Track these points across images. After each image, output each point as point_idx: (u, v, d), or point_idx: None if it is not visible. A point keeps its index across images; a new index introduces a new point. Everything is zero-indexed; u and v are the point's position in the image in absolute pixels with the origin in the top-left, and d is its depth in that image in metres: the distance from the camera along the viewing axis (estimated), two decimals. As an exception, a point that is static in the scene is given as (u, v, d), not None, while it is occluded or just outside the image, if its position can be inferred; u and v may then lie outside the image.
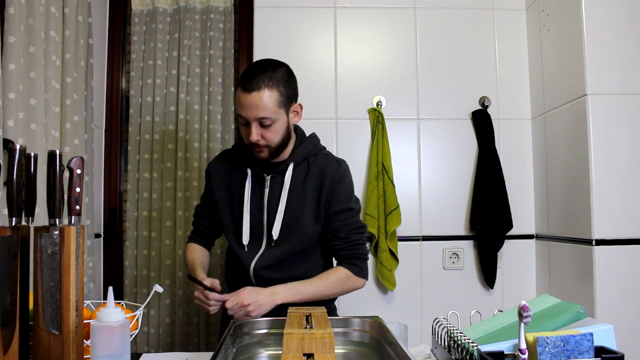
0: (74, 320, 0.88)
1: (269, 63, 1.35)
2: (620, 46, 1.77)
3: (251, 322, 1.11)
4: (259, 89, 1.29)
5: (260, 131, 1.33)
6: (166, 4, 2.32)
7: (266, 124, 1.32)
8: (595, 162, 1.75)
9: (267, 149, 1.36)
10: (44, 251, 0.88)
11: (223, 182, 1.48)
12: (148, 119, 2.28)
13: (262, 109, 1.30)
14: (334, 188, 1.41)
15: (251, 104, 1.29)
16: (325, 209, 1.42)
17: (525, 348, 0.77)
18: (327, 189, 1.41)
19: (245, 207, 1.42)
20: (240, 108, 1.32)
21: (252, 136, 1.32)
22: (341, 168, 1.45)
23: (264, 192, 1.43)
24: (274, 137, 1.35)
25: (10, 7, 1.45)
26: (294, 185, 1.42)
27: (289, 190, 1.41)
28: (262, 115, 1.30)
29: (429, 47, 2.22)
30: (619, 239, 1.73)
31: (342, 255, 1.43)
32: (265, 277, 1.41)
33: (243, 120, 1.33)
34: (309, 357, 0.81)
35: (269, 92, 1.30)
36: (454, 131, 2.19)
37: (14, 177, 0.87)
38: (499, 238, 2.09)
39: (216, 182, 1.49)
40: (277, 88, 1.31)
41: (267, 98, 1.29)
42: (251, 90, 1.29)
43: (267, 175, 1.43)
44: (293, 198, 1.41)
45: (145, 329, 2.22)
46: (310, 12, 2.21)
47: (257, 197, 1.43)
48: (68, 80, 1.79)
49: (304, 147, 1.45)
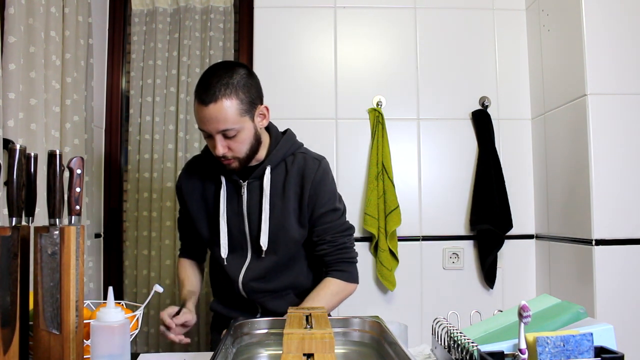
0: (74, 320, 0.88)
1: (224, 67, 1.23)
2: (620, 46, 1.77)
3: (251, 322, 1.11)
4: (216, 100, 1.18)
5: (226, 143, 1.23)
6: (166, 4, 2.32)
7: (230, 135, 1.22)
8: (595, 162, 1.75)
9: (236, 160, 1.28)
10: (44, 251, 0.88)
11: (196, 194, 1.39)
12: (148, 119, 2.28)
13: (223, 121, 1.19)
14: (316, 189, 1.32)
15: (210, 117, 1.19)
16: (310, 212, 1.34)
17: (525, 348, 0.77)
18: (310, 190, 1.32)
19: (222, 219, 1.34)
20: (200, 122, 1.22)
21: (218, 150, 1.23)
22: (321, 167, 1.35)
23: (242, 199, 1.34)
24: (241, 147, 1.25)
25: (10, 7, 1.45)
26: (274, 190, 1.33)
27: (270, 196, 1.32)
28: (224, 127, 1.20)
29: (429, 47, 2.22)
30: (619, 239, 1.73)
31: (329, 261, 1.36)
32: (255, 288, 1.36)
33: (205, 134, 1.24)
34: (309, 357, 0.81)
35: (228, 102, 1.19)
36: (454, 131, 2.19)
37: (14, 177, 0.87)
38: (499, 238, 2.09)
39: (189, 196, 1.40)
40: (235, 96, 1.20)
41: (226, 109, 1.19)
42: (208, 102, 1.18)
43: (243, 182, 1.34)
44: (275, 204, 1.32)
45: (145, 329, 2.22)
46: (310, 12, 2.21)
47: (235, 206, 1.35)
48: (68, 80, 1.79)
49: (280, 147, 1.35)
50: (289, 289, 1.40)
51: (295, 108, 2.17)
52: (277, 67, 2.18)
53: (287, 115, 2.14)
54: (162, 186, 2.25)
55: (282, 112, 2.14)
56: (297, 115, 2.16)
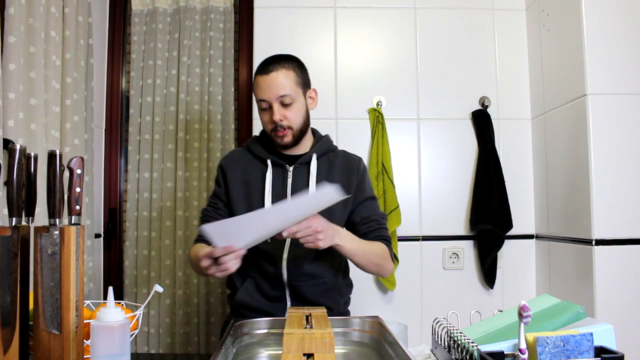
0: (74, 320, 0.88)
1: (282, 55, 1.42)
2: (620, 46, 1.77)
3: (251, 322, 1.11)
4: (277, 70, 1.35)
5: (282, 111, 1.36)
6: (166, 4, 2.32)
7: (287, 103, 1.35)
8: (595, 162, 1.75)
9: (290, 132, 1.38)
10: (44, 251, 0.88)
11: (239, 176, 1.45)
12: (148, 119, 2.28)
13: (282, 87, 1.34)
14: (362, 177, 1.47)
15: (271, 84, 1.34)
16: (354, 198, 1.44)
17: (525, 348, 0.77)
18: (357, 177, 1.45)
19: (267, 197, 1.39)
20: (260, 91, 1.36)
21: (275, 116, 1.35)
22: (363, 162, 1.52)
23: (287, 183, 1.42)
24: (295, 118, 1.38)
25: (10, 7, 1.45)
26: (320, 176, 1.42)
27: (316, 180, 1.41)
28: (283, 92, 1.34)
29: (429, 47, 2.22)
30: (619, 239, 1.73)
31: (376, 236, 1.43)
32: (298, 269, 1.38)
33: (264, 104, 1.37)
34: (309, 357, 0.82)
35: (286, 72, 1.36)
36: (454, 131, 2.19)
37: (14, 177, 0.87)
38: (499, 238, 2.09)
39: (232, 176, 1.46)
40: (293, 70, 1.38)
41: (285, 77, 1.35)
42: (269, 71, 1.35)
43: (289, 167, 1.43)
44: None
45: (145, 329, 2.22)
46: (310, 12, 2.21)
47: (279, 189, 1.41)
48: (68, 80, 1.79)
49: (323, 143, 1.48)
50: (326, 273, 1.42)
51: (295, 108, 2.16)
52: (277, 67, 2.17)
53: (287, 115, 2.14)
54: (162, 186, 2.25)
55: (282, 112, 2.14)
56: (297, 115, 2.16)
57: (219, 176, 1.49)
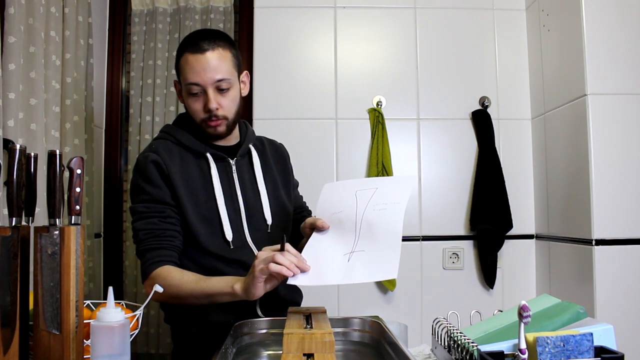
0: (74, 320, 0.88)
1: (214, 30, 1.24)
2: (620, 46, 1.77)
3: (251, 322, 1.11)
4: (212, 49, 1.16)
5: (218, 98, 1.19)
6: (166, 4, 2.32)
7: (223, 88, 1.18)
8: (595, 162, 1.75)
9: (224, 122, 1.22)
10: (44, 251, 0.88)
11: (179, 173, 1.22)
12: (148, 119, 2.28)
13: (219, 69, 1.16)
14: (291, 164, 1.43)
15: (206, 65, 1.15)
16: (292, 185, 1.42)
17: (525, 348, 0.77)
18: (289, 165, 1.42)
19: (220, 199, 1.22)
20: (192, 73, 1.16)
21: (211, 104, 1.17)
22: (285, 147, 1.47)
23: (232, 178, 1.27)
24: (231, 106, 1.21)
25: (10, 7, 1.45)
26: (262, 167, 1.33)
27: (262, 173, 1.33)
28: (220, 76, 1.17)
29: (429, 47, 2.22)
30: (618, 239, 1.73)
31: None
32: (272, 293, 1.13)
33: (196, 88, 1.17)
34: (309, 357, 0.81)
35: (223, 52, 1.18)
36: (454, 131, 2.19)
37: (14, 177, 0.87)
38: (499, 238, 2.09)
39: (175, 174, 1.20)
40: (229, 49, 1.20)
41: (222, 58, 1.17)
42: (204, 50, 1.15)
43: (231, 160, 1.28)
44: (267, 179, 1.32)
45: (145, 329, 2.22)
46: (310, 12, 2.21)
47: (226, 186, 1.25)
48: (68, 80, 1.79)
49: (250, 130, 1.37)
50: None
51: (295, 108, 2.16)
52: (277, 67, 2.17)
53: (287, 115, 2.14)
54: (162, 186, 2.25)
55: (282, 112, 2.14)
56: (297, 115, 2.16)
57: (154, 175, 1.19)
